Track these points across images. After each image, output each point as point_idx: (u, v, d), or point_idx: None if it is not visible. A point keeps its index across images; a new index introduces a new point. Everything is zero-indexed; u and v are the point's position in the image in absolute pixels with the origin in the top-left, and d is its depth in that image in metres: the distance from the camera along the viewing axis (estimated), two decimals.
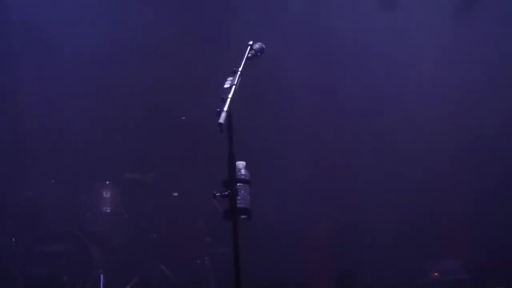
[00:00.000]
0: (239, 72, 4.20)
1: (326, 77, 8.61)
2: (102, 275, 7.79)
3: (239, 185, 4.07)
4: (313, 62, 8.57)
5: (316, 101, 8.58)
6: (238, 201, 4.04)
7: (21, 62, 8.79)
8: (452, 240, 8.15)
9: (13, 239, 8.18)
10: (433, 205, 8.24)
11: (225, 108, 4.05)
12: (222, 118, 4.02)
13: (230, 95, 4.10)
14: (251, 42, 4.41)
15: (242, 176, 4.13)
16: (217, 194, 4.11)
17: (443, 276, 7.72)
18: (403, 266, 8.01)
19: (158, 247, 8.19)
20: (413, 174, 8.34)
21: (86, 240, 7.83)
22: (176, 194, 8.49)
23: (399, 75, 8.47)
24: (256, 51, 4.38)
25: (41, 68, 8.74)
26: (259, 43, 4.42)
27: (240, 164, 4.14)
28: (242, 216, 4.07)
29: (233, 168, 4.03)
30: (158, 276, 7.99)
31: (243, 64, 4.27)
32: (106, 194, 8.25)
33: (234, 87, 4.14)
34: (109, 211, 8.22)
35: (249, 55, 4.34)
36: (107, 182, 8.31)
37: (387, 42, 8.46)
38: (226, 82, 4.24)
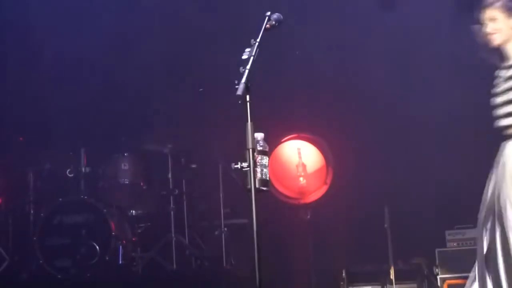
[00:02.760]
0: (257, 44, 4.17)
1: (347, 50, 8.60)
2: (120, 246, 7.86)
3: (258, 157, 4.05)
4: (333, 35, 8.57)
5: (333, 74, 8.57)
6: (257, 173, 4.03)
7: (40, 32, 8.81)
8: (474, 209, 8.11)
9: (32, 211, 8.27)
10: (457, 174, 8.21)
11: (243, 80, 4.03)
12: (241, 90, 4.00)
13: (248, 67, 4.07)
14: (268, 13, 4.37)
15: (261, 148, 4.10)
16: (236, 166, 4.10)
17: (461, 244, 7.72)
18: (425, 234, 8.00)
19: (177, 218, 8.20)
20: (435, 143, 8.31)
21: (104, 211, 7.87)
22: (194, 166, 8.52)
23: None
24: (274, 22, 4.33)
25: (60, 36, 8.76)
26: (276, 13, 4.37)
27: (259, 135, 4.11)
28: (262, 188, 4.06)
29: (251, 139, 4.01)
30: (176, 247, 8.01)
31: (261, 36, 4.23)
32: (125, 166, 8.28)
33: (252, 58, 4.11)
34: (127, 182, 8.27)
35: (267, 26, 4.29)
36: (125, 154, 8.34)
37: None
38: (244, 54, 4.21)
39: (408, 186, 8.31)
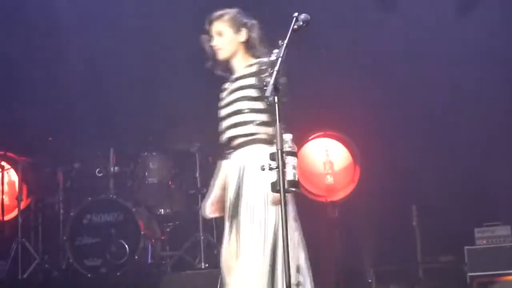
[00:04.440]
0: (284, 45, 4.18)
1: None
2: (149, 245, 7.91)
3: (286, 158, 4.07)
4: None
5: (360, 72, 8.57)
6: (286, 174, 4.04)
7: (67, 31, 8.87)
8: (502, 206, 8.09)
9: (62, 210, 8.34)
10: (485, 171, 8.18)
11: (272, 81, 4.04)
12: (269, 91, 4.02)
13: (276, 68, 4.08)
14: (296, 14, 4.36)
15: (289, 149, 4.12)
16: (265, 167, 4.12)
17: (491, 242, 7.68)
18: (454, 232, 7.97)
19: (205, 217, 8.21)
20: (464, 139, 8.29)
21: (133, 210, 7.92)
22: None
23: None
24: (302, 23, 4.32)
25: (88, 35, 8.82)
26: (304, 14, 4.37)
27: (287, 136, 4.13)
28: (291, 189, 4.08)
29: (280, 140, 4.03)
30: (205, 246, 8.03)
31: (289, 37, 4.23)
32: (153, 165, 8.33)
33: (280, 59, 4.12)
34: (156, 182, 8.31)
35: (295, 27, 4.29)
36: (153, 153, 8.39)
37: None
38: (272, 55, 4.23)
39: (436, 183, 8.29)
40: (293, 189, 4.10)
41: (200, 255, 7.99)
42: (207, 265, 7.91)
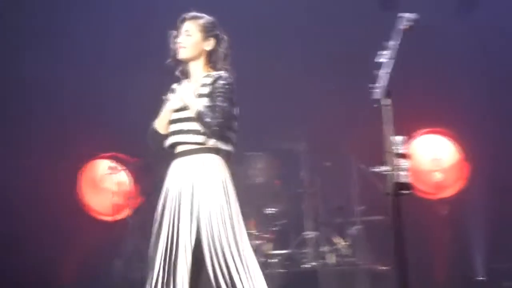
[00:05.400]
0: (396, 46, 4.12)
1: None
2: (258, 244, 7.98)
3: (398, 160, 4.03)
4: None
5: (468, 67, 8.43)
6: (399, 176, 4.01)
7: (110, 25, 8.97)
8: None
9: None
10: None
11: (383, 84, 4.00)
12: (379, 94, 3.98)
13: (389, 70, 4.03)
14: (403, 14, 4.30)
15: (401, 151, 4.08)
16: (375, 170, 4.10)
17: None
18: None
19: (312, 216, 8.24)
20: None
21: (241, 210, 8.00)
22: (328, 164, 8.54)
23: None
24: (410, 22, 4.27)
25: None
26: (413, 14, 4.31)
27: (398, 138, 4.09)
28: (402, 191, 4.04)
29: (391, 143, 3.99)
30: (312, 245, 8.05)
31: (397, 37, 4.18)
32: (260, 165, 8.41)
33: (393, 61, 4.08)
34: (262, 181, 8.38)
35: (403, 27, 4.24)
36: (260, 153, 8.47)
37: None
38: (380, 57, 4.18)
39: None
40: (404, 191, 4.06)
41: (308, 253, 8.01)
42: (315, 263, 7.92)
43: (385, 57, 4.10)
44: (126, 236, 8.46)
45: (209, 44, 4.70)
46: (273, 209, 8.45)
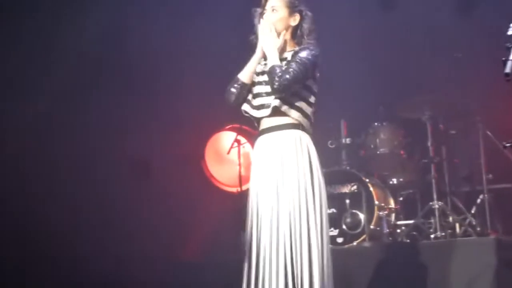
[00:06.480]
0: None
1: None
2: (384, 215, 7.98)
3: None
4: None
5: None
6: None
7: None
8: None
9: None
10: None
11: (511, 57, 3.91)
12: (509, 68, 3.90)
13: None
14: None
15: None
16: (508, 145, 4.03)
17: None
18: None
19: (438, 186, 8.13)
20: None
21: (366, 181, 8.04)
22: (454, 132, 8.41)
23: None
24: None
25: None
26: None
27: None
28: None
29: None
30: (439, 215, 7.95)
31: None
32: (384, 135, 8.36)
33: None
34: (387, 152, 8.34)
35: None
36: (384, 123, 8.42)
37: None
38: (509, 29, 4.08)
39: None
40: None
41: (434, 223, 7.95)
42: (442, 233, 7.85)
43: None
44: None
45: (295, 20, 4.78)
46: (399, 180, 8.41)
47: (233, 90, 4.81)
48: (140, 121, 8.56)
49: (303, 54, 4.63)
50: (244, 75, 4.81)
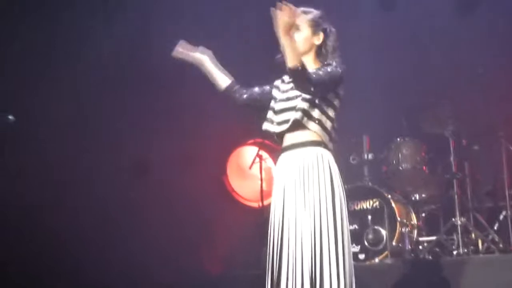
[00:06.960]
0: None
1: None
2: (406, 231, 7.94)
3: None
4: None
5: None
6: None
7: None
8: None
9: None
10: None
11: None
12: None
13: None
14: None
15: None
16: None
17: None
18: None
19: (461, 202, 8.09)
20: None
21: (389, 197, 8.02)
22: (477, 147, 8.38)
23: None
24: None
25: None
26: None
27: None
28: None
29: None
30: (462, 231, 7.90)
31: None
32: (406, 151, 8.33)
33: None
34: (409, 167, 8.31)
35: None
36: (406, 139, 8.39)
37: None
38: None
39: None
40: None
41: (457, 240, 7.89)
42: (465, 250, 7.80)
43: None
44: None
45: (319, 39, 4.75)
46: (421, 195, 8.38)
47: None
48: (163, 137, 8.59)
49: (329, 67, 4.63)
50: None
